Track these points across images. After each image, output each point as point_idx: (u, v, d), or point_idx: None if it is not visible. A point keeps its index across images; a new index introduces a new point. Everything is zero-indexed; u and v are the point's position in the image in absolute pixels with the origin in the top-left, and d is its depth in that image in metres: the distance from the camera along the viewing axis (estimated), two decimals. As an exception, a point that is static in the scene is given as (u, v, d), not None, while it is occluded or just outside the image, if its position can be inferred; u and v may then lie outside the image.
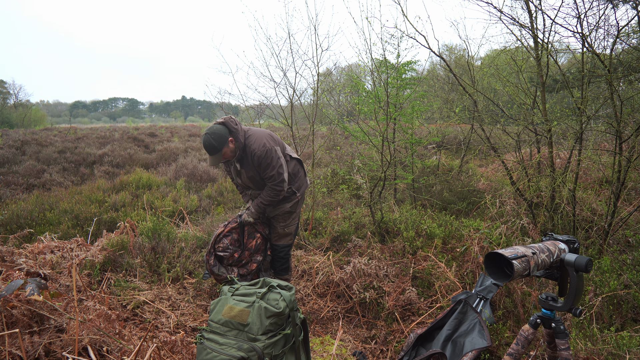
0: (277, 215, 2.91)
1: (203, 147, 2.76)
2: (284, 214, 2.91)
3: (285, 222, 2.92)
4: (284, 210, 2.90)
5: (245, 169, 2.79)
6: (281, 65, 4.54)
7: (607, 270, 2.91)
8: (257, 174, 2.78)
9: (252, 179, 2.82)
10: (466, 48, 7.84)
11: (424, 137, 5.91)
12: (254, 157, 2.70)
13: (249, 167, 2.78)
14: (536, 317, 1.60)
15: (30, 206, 5.37)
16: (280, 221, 2.92)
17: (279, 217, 2.91)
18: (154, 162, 10.42)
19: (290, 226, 2.94)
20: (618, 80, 4.08)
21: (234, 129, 2.71)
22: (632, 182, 3.88)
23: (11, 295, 1.96)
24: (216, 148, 2.64)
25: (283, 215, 2.91)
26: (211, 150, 2.64)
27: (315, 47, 5.15)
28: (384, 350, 2.57)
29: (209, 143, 2.63)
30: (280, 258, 3.00)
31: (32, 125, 33.68)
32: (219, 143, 2.64)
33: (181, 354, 2.05)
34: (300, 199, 2.96)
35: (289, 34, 4.39)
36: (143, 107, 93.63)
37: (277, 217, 2.92)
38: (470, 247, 3.34)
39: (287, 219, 2.92)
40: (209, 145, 2.64)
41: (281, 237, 2.96)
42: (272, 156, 2.70)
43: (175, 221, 4.77)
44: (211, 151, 2.65)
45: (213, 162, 2.71)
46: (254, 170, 2.76)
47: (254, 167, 2.75)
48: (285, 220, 2.92)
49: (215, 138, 2.63)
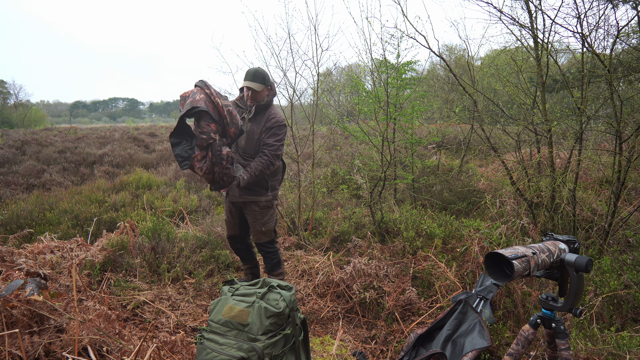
0: (254, 212, 2.86)
1: (251, 73, 2.76)
2: (261, 210, 2.86)
3: (263, 219, 2.88)
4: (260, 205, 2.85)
5: (251, 123, 2.81)
6: (281, 65, 4.54)
7: (607, 270, 2.91)
8: (258, 132, 2.79)
9: (250, 142, 2.80)
10: (466, 48, 7.84)
11: (424, 137, 5.91)
12: (271, 120, 2.78)
13: (258, 127, 2.80)
14: (536, 317, 1.59)
15: (30, 206, 5.37)
16: (259, 218, 2.88)
17: (257, 214, 2.87)
18: (154, 162, 10.42)
19: (268, 223, 2.91)
20: (618, 80, 4.08)
21: (273, 89, 2.88)
22: (632, 182, 3.88)
23: (11, 295, 1.96)
24: (264, 80, 2.77)
25: (260, 211, 2.86)
26: (260, 78, 2.75)
27: (315, 47, 5.15)
28: (384, 350, 2.57)
29: (262, 72, 2.77)
30: (267, 254, 2.98)
31: (32, 125, 33.67)
32: (267, 79, 2.79)
33: (181, 354, 2.05)
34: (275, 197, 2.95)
35: (289, 34, 4.39)
36: (143, 107, 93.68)
37: (255, 215, 2.87)
38: (470, 247, 3.33)
39: (264, 216, 2.88)
40: (260, 73, 2.76)
41: (262, 234, 2.92)
42: (284, 132, 2.83)
43: (175, 221, 4.77)
44: (259, 78, 2.75)
45: (253, 86, 2.73)
46: (260, 128, 2.79)
47: (263, 129, 2.79)
48: (263, 217, 2.88)
49: (266, 74, 2.79)
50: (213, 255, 3.67)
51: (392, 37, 4.29)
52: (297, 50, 4.64)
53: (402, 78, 4.99)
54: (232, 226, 3.04)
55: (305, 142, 4.88)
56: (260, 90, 2.75)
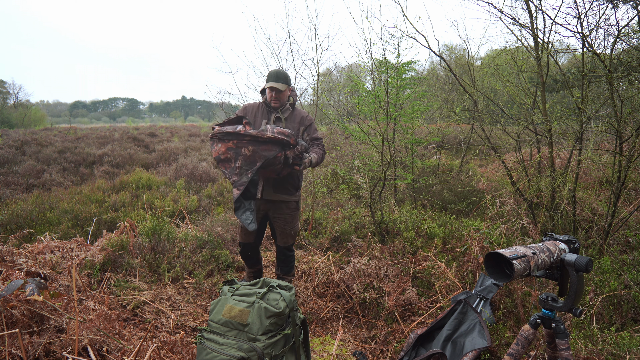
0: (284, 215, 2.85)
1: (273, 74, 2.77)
2: (292, 213, 2.87)
3: (292, 221, 2.90)
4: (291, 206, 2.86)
5: (287, 122, 2.83)
6: (281, 65, 4.54)
7: (608, 270, 2.91)
8: (295, 131, 2.82)
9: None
10: (466, 48, 7.85)
11: (424, 137, 5.91)
12: (306, 119, 2.86)
13: (292, 123, 2.84)
14: (536, 317, 1.59)
15: (30, 206, 5.36)
16: (289, 221, 2.88)
17: (287, 217, 2.86)
18: (154, 162, 10.42)
19: (295, 225, 2.94)
20: (618, 80, 4.08)
21: (294, 89, 2.93)
22: (632, 182, 3.88)
23: (11, 295, 1.96)
24: (287, 80, 2.79)
25: (291, 213, 2.87)
26: (282, 78, 2.77)
27: (315, 47, 5.16)
28: (384, 350, 2.57)
29: (284, 72, 2.80)
30: (288, 257, 3.00)
31: (32, 125, 33.67)
32: (289, 79, 2.82)
33: (181, 354, 2.05)
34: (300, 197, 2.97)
35: (289, 34, 4.39)
36: (143, 107, 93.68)
37: (286, 218, 2.86)
38: (470, 247, 3.33)
39: (294, 218, 2.91)
40: (282, 73, 2.78)
41: (290, 237, 2.95)
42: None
43: (175, 221, 4.77)
44: (281, 79, 2.77)
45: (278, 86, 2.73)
46: (296, 127, 2.83)
47: (299, 125, 2.83)
48: (293, 219, 2.90)
49: (287, 74, 2.82)
50: (213, 255, 3.67)
51: (392, 36, 4.30)
52: (297, 50, 4.66)
53: (402, 78, 4.98)
54: (249, 233, 2.86)
55: (305, 142, 4.87)
56: (284, 90, 2.78)
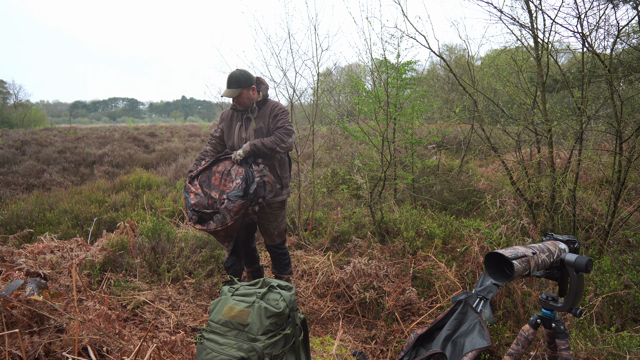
0: (267, 215, 2.85)
1: (226, 81, 2.71)
2: (274, 212, 2.86)
3: (276, 220, 2.88)
4: (273, 206, 2.84)
5: (257, 121, 2.77)
6: (281, 65, 4.54)
7: (608, 270, 2.91)
8: (266, 126, 2.75)
9: (258, 132, 2.75)
10: (466, 48, 7.85)
11: (424, 137, 5.91)
12: (275, 108, 2.76)
13: (263, 119, 2.77)
14: (536, 317, 1.59)
15: (30, 206, 5.36)
16: (272, 221, 2.87)
17: (270, 216, 2.86)
18: (154, 162, 10.42)
19: (281, 224, 2.92)
20: (618, 80, 4.07)
21: (262, 82, 2.82)
22: (632, 182, 3.88)
23: (11, 295, 1.96)
24: (239, 83, 2.66)
25: (273, 213, 2.86)
26: (233, 82, 2.66)
27: (315, 47, 5.16)
28: (384, 350, 2.57)
29: (235, 75, 2.66)
30: (279, 255, 2.98)
31: (32, 125, 33.68)
32: (243, 80, 2.67)
33: (181, 354, 2.05)
34: (288, 194, 2.94)
35: (289, 33, 4.39)
36: (143, 107, 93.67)
37: (268, 217, 2.86)
38: (470, 247, 3.33)
39: (278, 217, 2.88)
40: (233, 77, 2.67)
41: (276, 236, 2.93)
42: (288, 116, 2.79)
43: (175, 221, 4.77)
44: (232, 84, 2.67)
45: (227, 94, 2.68)
46: (266, 122, 2.76)
47: (268, 118, 2.76)
48: (276, 219, 2.88)
49: (243, 75, 2.67)
50: (213, 255, 3.67)
51: (392, 36, 4.30)
52: (297, 50, 4.65)
53: (402, 78, 4.98)
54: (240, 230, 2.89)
55: (305, 142, 4.88)
56: (239, 94, 2.69)
